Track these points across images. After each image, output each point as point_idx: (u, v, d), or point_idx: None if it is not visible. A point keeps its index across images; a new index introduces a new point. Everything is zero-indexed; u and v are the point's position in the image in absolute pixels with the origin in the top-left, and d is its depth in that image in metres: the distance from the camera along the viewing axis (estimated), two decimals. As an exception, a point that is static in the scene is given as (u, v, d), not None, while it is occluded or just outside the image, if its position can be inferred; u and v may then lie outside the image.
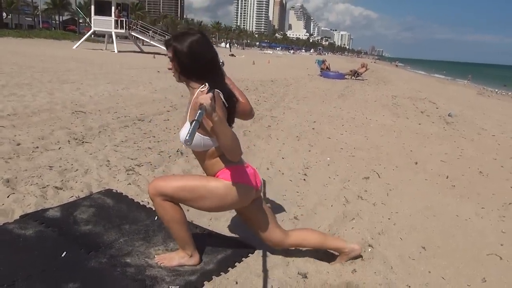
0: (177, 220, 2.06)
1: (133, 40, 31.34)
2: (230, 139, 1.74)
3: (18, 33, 37.31)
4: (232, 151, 1.78)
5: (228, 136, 1.73)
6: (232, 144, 1.76)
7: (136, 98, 7.90)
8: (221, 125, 1.70)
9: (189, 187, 1.98)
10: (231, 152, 1.79)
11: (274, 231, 2.25)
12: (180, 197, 1.99)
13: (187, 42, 1.86)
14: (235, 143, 1.77)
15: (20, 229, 2.39)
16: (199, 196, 1.98)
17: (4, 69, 10.97)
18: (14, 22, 57.66)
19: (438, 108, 10.79)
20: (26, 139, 4.29)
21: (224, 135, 1.72)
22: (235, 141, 1.77)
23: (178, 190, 1.98)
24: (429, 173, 4.42)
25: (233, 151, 1.78)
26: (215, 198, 1.99)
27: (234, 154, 1.80)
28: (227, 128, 1.73)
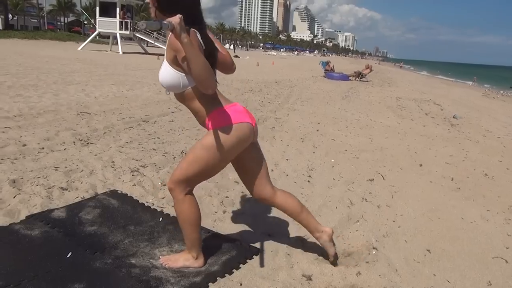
0: (191, 221, 2.07)
1: (137, 41, 31.47)
2: (201, 66, 1.67)
3: (24, 34, 37.55)
4: (204, 81, 1.70)
5: (199, 62, 1.66)
6: (203, 72, 1.68)
7: (140, 99, 7.93)
8: (191, 48, 1.65)
9: (192, 159, 1.98)
10: (203, 82, 1.71)
11: (266, 186, 2.22)
12: (193, 173, 1.99)
13: None
14: (206, 71, 1.69)
15: (26, 229, 2.40)
16: (206, 159, 1.96)
17: (11, 70, 11.06)
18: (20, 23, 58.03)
19: (443, 110, 10.76)
20: (31, 140, 4.32)
21: (194, 60, 1.66)
22: (206, 70, 1.69)
23: (187, 168, 1.99)
24: (434, 175, 4.41)
25: (205, 81, 1.70)
26: (218, 150, 1.93)
27: (206, 85, 1.72)
28: (198, 54, 1.67)
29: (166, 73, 1.88)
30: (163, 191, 3.24)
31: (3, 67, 11.69)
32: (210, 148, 1.94)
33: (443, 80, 38.12)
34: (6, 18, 51.71)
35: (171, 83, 1.89)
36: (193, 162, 1.98)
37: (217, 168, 2.06)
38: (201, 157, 1.97)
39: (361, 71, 19.90)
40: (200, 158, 1.97)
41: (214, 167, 2.03)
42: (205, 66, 1.69)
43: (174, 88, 1.92)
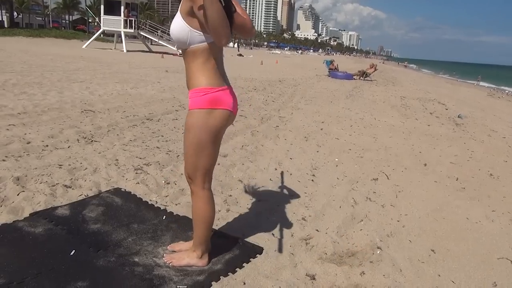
0: (205, 220, 2.09)
1: (141, 39, 31.49)
2: (216, 12, 1.65)
3: (29, 32, 37.65)
4: (217, 28, 1.68)
5: (215, 9, 1.65)
6: (218, 20, 1.66)
7: (144, 97, 7.93)
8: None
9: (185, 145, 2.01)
10: (217, 29, 1.68)
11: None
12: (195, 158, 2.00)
13: None
14: (221, 19, 1.67)
15: (29, 226, 2.41)
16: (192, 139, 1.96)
17: (16, 68, 11.09)
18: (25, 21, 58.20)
19: (448, 109, 10.70)
20: (36, 137, 4.33)
21: (211, 5, 1.64)
22: (221, 18, 1.67)
23: (187, 157, 2.03)
24: (439, 175, 4.38)
25: (218, 28, 1.67)
26: (198, 130, 1.93)
27: (220, 33, 1.69)
28: (216, 1, 1.65)
29: (177, 25, 1.87)
30: (166, 189, 3.24)
31: (8, 65, 11.73)
32: (194, 128, 1.94)
33: (448, 79, 37.94)
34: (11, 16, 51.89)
35: (179, 36, 1.87)
36: (190, 149, 1.99)
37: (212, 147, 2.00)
38: (190, 139, 1.97)
39: (365, 70, 19.81)
40: (191, 141, 1.97)
41: (208, 147, 1.98)
42: (220, 13, 1.67)
43: (180, 42, 1.90)
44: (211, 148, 2.01)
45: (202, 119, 1.92)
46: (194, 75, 1.94)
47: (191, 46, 1.88)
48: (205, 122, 1.92)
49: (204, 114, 1.92)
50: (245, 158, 4.31)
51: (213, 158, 2.06)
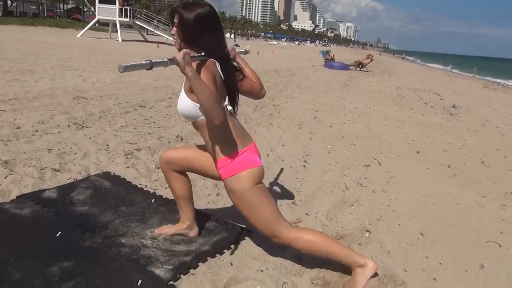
0: (323, 245, 1.98)
1: (137, 29, 31.26)
2: (206, 97, 1.66)
3: (23, 21, 37.26)
4: (209, 110, 1.68)
5: (204, 94, 1.66)
6: (208, 103, 1.67)
7: (138, 85, 7.88)
8: (196, 80, 1.67)
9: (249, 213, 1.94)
10: (209, 112, 1.69)
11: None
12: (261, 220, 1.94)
13: (195, 12, 1.81)
14: (212, 102, 1.67)
15: (16, 208, 2.39)
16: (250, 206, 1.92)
17: (8, 56, 10.98)
18: (19, 10, 57.50)
19: (443, 99, 10.71)
20: (26, 122, 4.29)
21: (200, 92, 1.66)
22: (212, 100, 1.68)
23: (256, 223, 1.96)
24: (431, 162, 4.39)
25: (210, 111, 1.68)
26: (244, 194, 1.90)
27: (213, 115, 1.69)
28: (203, 87, 1.67)
29: (182, 102, 1.90)
30: (156, 174, 3.22)
31: (1, 52, 11.61)
32: (241, 194, 1.90)
33: (444, 71, 37.92)
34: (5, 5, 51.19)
35: (185, 112, 1.90)
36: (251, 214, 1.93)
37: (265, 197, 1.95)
38: (246, 205, 1.92)
39: (361, 61, 19.76)
40: (247, 207, 1.92)
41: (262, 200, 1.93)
42: (210, 97, 1.67)
43: (188, 116, 1.92)
44: (265, 199, 1.94)
45: (242, 183, 1.89)
46: (213, 146, 1.93)
47: (199, 119, 1.90)
48: (246, 184, 1.89)
49: (242, 177, 1.89)
50: (237, 144, 4.28)
51: (273, 204, 1.99)
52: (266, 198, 1.95)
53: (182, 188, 2.19)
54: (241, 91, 2.02)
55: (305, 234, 1.98)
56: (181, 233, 2.27)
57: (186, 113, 1.90)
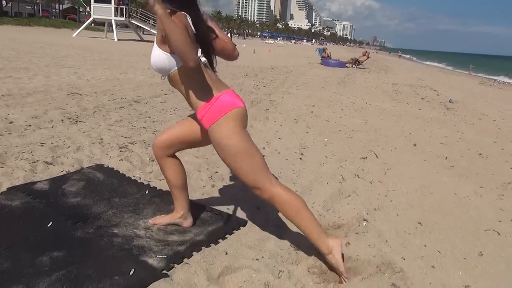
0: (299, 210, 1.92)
1: (133, 28, 31.13)
2: (178, 37, 1.62)
3: (18, 21, 37.06)
4: (182, 52, 1.64)
5: (176, 33, 1.63)
6: (181, 43, 1.63)
7: (133, 82, 7.82)
8: (167, 20, 1.64)
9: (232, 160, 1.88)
10: (182, 53, 1.64)
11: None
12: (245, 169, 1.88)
13: None
14: (184, 41, 1.64)
15: (6, 200, 2.34)
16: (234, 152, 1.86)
17: (3, 54, 10.88)
18: (14, 10, 57.21)
19: (439, 95, 10.70)
20: (19, 117, 4.24)
21: (171, 32, 1.63)
22: (184, 40, 1.64)
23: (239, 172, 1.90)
24: (428, 154, 4.36)
25: (183, 52, 1.64)
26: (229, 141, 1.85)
27: (186, 57, 1.65)
28: (175, 27, 1.64)
29: (154, 54, 1.87)
30: (151, 166, 3.18)
31: (-5, 51, 11.52)
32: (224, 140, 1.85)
33: (441, 69, 37.98)
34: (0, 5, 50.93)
35: (159, 64, 1.87)
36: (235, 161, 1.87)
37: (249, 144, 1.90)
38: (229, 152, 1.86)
39: (358, 58, 19.75)
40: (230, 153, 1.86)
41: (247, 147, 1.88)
42: (182, 37, 1.64)
43: (162, 70, 1.88)
44: (250, 146, 1.89)
45: (224, 129, 1.84)
46: (191, 97, 1.90)
47: (172, 70, 1.86)
48: (229, 129, 1.84)
49: (223, 122, 1.84)
50: (233, 138, 4.25)
51: (259, 154, 1.93)
52: (252, 145, 1.90)
53: (176, 176, 2.15)
54: (215, 51, 1.96)
55: (288, 194, 1.91)
56: (175, 223, 2.23)
57: (160, 65, 1.86)
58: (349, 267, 2.00)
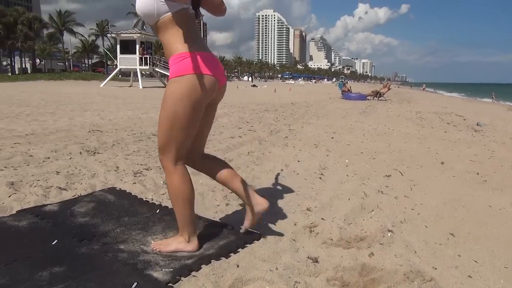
0: (183, 196, 1.92)
1: (158, 76, 32.33)
2: None
3: (50, 76, 39.18)
4: None
5: None
6: None
7: (154, 120, 7.92)
8: None
9: (162, 117, 1.86)
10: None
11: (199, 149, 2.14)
12: (170, 131, 1.85)
13: None
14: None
15: (14, 221, 2.28)
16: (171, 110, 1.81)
17: (32, 103, 11.37)
18: (47, 67, 60.81)
19: (466, 119, 10.35)
20: (39, 152, 4.29)
21: None
22: None
23: (162, 130, 1.88)
24: (457, 171, 4.11)
25: None
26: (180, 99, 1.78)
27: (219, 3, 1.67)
28: None
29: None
30: (164, 189, 3.09)
31: (25, 101, 12.07)
32: (171, 98, 1.81)
33: (464, 98, 37.29)
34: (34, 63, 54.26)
35: (146, 10, 1.80)
36: (164, 120, 1.85)
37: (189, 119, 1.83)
38: (166, 109, 1.83)
39: (379, 90, 19.66)
40: (166, 111, 1.83)
41: (185, 119, 1.82)
42: None
43: (149, 17, 1.82)
44: (190, 119, 1.83)
45: (181, 87, 1.79)
46: (170, 44, 1.84)
47: (161, 17, 1.80)
48: (185, 90, 1.78)
49: (185, 81, 1.78)
50: (250, 162, 4.15)
51: (190, 131, 1.88)
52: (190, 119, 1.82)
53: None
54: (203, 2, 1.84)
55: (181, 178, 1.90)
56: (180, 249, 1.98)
57: (147, 11, 1.79)
58: (373, 278, 1.81)
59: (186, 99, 1.80)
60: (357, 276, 1.85)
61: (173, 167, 1.89)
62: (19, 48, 46.70)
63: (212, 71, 1.84)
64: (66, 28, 60.95)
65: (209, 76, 1.83)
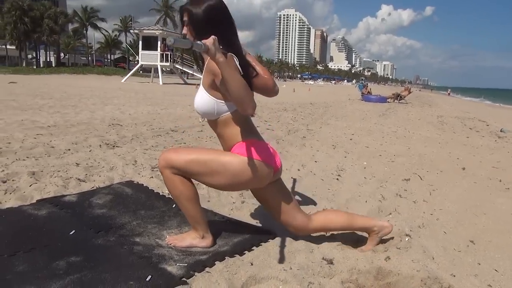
0: (186, 197, 1.92)
1: (178, 73, 32.60)
2: (239, 85, 1.58)
3: (73, 70, 40.02)
4: (243, 100, 1.60)
5: (237, 82, 1.58)
6: (242, 92, 1.59)
7: (173, 115, 8.00)
8: (228, 68, 1.57)
9: (201, 160, 1.85)
10: (242, 102, 1.61)
11: (296, 214, 2.06)
12: (191, 171, 1.86)
13: (204, 6, 1.76)
14: (245, 91, 1.60)
15: (33, 209, 2.33)
16: (211, 170, 1.84)
17: (55, 96, 11.62)
18: (71, 61, 62.08)
19: (489, 125, 10.10)
20: (60, 143, 4.37)
21: (232, 80, 1.57)
22: (245, 89, 1.60)
23: (189, 163, 1.85)
24: (479, 177, 4.01)
25: (243, 100, 1.60)
26: (228, 173, 1.84)
27: (246, 105, 1.61)
28: (235, 74, 1.59)
29: (202, 99, 1.85)
30: (181, 184, 3.10)
31: (49, 93, 12.34)
32: (224, 166, 1.84)
33: (488, 104, 36.40)
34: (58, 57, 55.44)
35: (206, 109, 1.85)
36: (200, 164, 1.85)
37: (215, 184, 1.91)
38: (209, 165, 1.84)
39: (399, 93, 19.37)
40: (208, 165, 1.84)
41: (213, 181, 1.89)
42: (243, 85, 1.61)
43: (209, 114, 1.87)
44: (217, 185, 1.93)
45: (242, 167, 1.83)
46: (232, 137, 1.88)
47: (221, 115, 1.85)
48: (244, 170, 1.83)
49: (249, 163, 1.83)
50: (267, 161, 4.13)
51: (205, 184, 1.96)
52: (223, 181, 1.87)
53: None
54: (255, 88, 1.90)
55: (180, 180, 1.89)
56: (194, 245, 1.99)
57: (207, 110, 1.83)
58: (389, 282, 1.78)
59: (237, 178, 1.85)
60: (373, 279, 1.82)
61: (172, 176, 1.88)
62: (45, 41, 47.79)
63: (273, 163, 1.93)
64: (90, 23, 62.09)
65: (270, 169, 1.90)
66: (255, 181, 1.89)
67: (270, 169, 1.90)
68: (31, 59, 54.09)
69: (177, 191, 1.91)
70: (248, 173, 1.83)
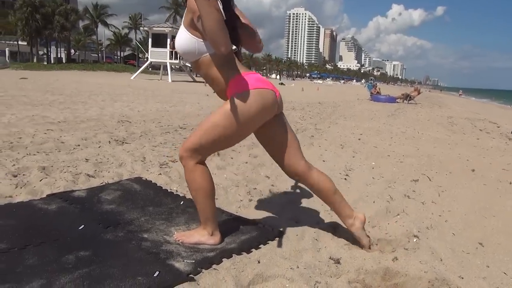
0: (204, 191, 1.93)
1: (187, 71, 32.70)
2: (213, 22, 1.56)
3: (83, 66, 40.36)
4: (216, 35, 1.58)
5: (212, 17, 1.56)
6: (215, 28, 1.57)
7: (182, 113, 8.04)
8: (206, 5, 1.56)
9: (212, 124, 1.85)
10: (215, 38, 1.59)
11: (298, 160, 2.10)
12: (211, 141, 1.85)
13: None
14: (219, 28, 1.58)
15: (43, 204, 2.36)
16: (225, 124, 1.82)
17: (65, 92, 11.74)
18: (81, 58, 62.46)
19: (500, 127, 10.00)
20: (70, 139, 4.41)
21: (207, 14, 1.56)
22: (219, 26, 1.58)
23: (204, 135, 1.86)
24: (489, 179, 3.97)
25: (217, 36, 1.58)
26: (239, 115, 1.80)
27: (219, 41, 1.59)
28: (211, 9, 1.57)
29: (182, 37, 1.82)
30: (189, 181, 3.12)
31: (59, 89, 12.46)
32: (229, 115, 1.81)
33: (499, 105, 35.99)
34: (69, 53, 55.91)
35: (186, 48, 1.82)
36: (210, 129, 1.85)
37: (235, 137, 1.92)
38: (218, 124, 1.84)
39: (409, 93, 19.23)
40: (217, 125, 1.84)
41: (232, 137, 1.89)
42: (216, 21, 1.59)
43: (189, 54, 1.84)
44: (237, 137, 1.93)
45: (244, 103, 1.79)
46: (218, 76, 1.85)
47: (202, 56, 1.82)
48: (248, 105, 1.79)
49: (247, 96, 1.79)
50: (275, 159, 4.13)
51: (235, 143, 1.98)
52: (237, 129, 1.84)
53: None
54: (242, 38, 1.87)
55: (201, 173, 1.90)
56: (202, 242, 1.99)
57: (188, 49, 1.80)
58: (396, 283, 1.77)
59: (246, 116, 1.81)
60: (380, 280, 1.81)
61: (193, 165, 1.89)
62: (56, 38, 48.25)
63: (270, 86, 1.89)
64: (101, 20, 62.48)
65: (270, 91, 1.87)
66: (265, 111, 1.86)
67: (272, 93, 1.87)
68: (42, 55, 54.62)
69: (196, 184, 1.92)
70: (256, 103, 1.81)
